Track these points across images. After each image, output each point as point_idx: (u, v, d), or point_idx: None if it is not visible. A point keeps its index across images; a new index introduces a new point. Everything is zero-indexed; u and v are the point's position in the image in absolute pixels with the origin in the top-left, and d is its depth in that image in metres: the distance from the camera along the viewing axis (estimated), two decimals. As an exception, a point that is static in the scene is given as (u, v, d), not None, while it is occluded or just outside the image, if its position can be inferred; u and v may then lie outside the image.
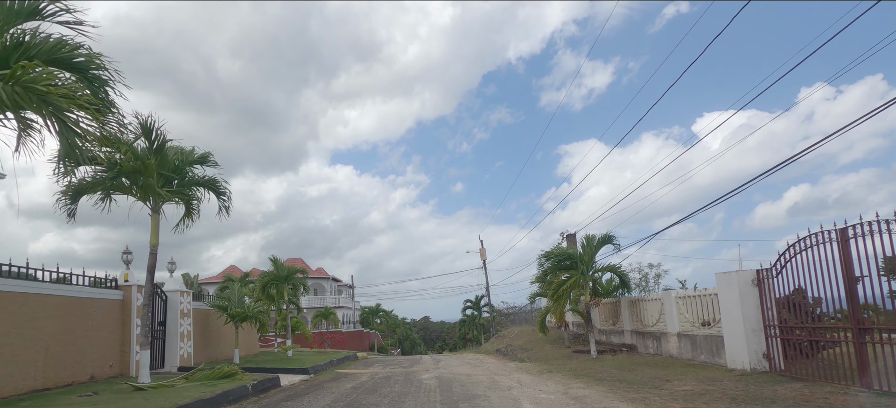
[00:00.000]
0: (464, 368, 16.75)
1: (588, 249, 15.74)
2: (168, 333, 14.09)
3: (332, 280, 62.73)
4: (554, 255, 15.91)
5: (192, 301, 15.50)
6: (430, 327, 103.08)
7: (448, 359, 23.00)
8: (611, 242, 15.62)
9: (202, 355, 16.01)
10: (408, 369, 16.95)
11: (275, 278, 21.05)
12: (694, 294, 13.53)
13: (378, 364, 20.53)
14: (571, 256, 15.69)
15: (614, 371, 12.67)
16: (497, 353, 24.37)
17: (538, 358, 17.70)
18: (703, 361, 12.84)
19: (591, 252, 15.75)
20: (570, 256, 15.71)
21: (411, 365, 19.37)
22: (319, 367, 16.56)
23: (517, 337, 26.72)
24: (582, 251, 15.78)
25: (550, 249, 16.32)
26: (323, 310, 47.80)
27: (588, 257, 15.68)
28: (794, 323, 10.48)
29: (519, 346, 22.48)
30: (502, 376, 13.61)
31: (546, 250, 16.18)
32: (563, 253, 15.82)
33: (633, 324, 17.29)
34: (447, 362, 20.88)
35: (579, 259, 15.56)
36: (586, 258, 15.64)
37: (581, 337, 22.17)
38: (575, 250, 15.83)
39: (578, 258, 15.60)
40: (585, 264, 15.63)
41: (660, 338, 15.19)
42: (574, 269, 15.62)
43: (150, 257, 10.45)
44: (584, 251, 15.79)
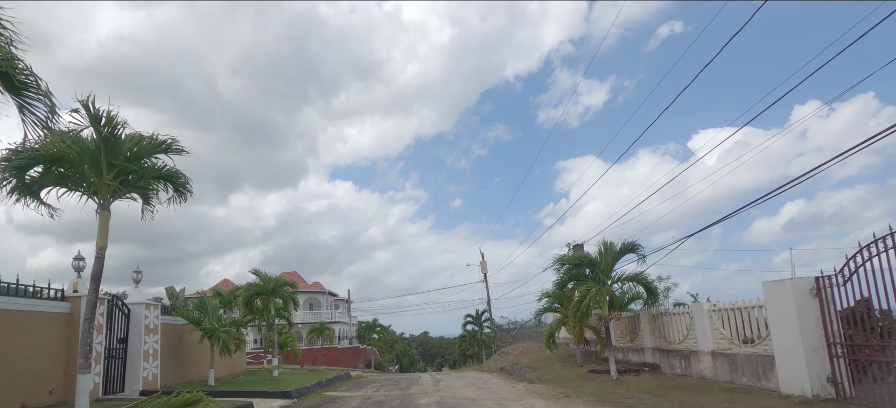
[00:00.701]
0: (467, 390, 14.94)
1: (606, 257, 14.04)
2: (130, 351, 12.31)
3: (328, 294, 60.70)
4: (570, 260, 14.18)
5: (162, 315, 13.74)
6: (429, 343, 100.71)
7: (449, 378, 21.13)
8: (634, 250, 13.94)
9: (173, 377, 14.20)
10: (404, 392, 15.13)
11: (260, 291, 19.30)
12: (731, 307, 11.81)
13: (372, 385, 18.68)
14: (592, 262, 13.97)
15: (644, 396, 10.89)
16: (502, 372, 22.49)
17: (550, 379, 15.88)
18: (745, 384, 11.07)
19: (609, 261, 14.05)
20: (591, 262, 13.98)
21: (408, 386, 17.53)
22: (305, 389, 14.74)
23: (523, 354, 24.85)
24: (599, 259, 14.07)
25: (565, 255, 14.60)
26: (318, 325, 45.82)
27: (607, 266, 13.98)
28: (860, 340, 8.77)
29: (526, 364, 20.64)
30: (513, 401, 11.82)
31: (561, 255, 14.47)
32: (582, 259, 14.09)
33: (655, 341, 15.52)
34: (448, 382, 19.02)
35: (598, 267, 13.86)
36: (605, 267, 13.94)
37: (594, 355, 20.34)
38: (593, 257, 14.12)
39: (597, 266, 13.90)
40: (605, 274, 13.92)
41: (689, 357, 13.42)
42: (593, 279, 13.90)
43: (95, 262, 8.74)
44: (602, 259, 14.09)
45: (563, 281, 14.78)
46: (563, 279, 14.80)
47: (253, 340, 39.69)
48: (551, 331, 19.15)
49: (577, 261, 14.08)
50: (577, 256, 14.18)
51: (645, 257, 14.08)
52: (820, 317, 9.15)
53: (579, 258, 14.11)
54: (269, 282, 19.81)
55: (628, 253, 14.06)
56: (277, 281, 19.95)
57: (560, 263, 14.41)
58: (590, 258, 14.17)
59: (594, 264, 14.00)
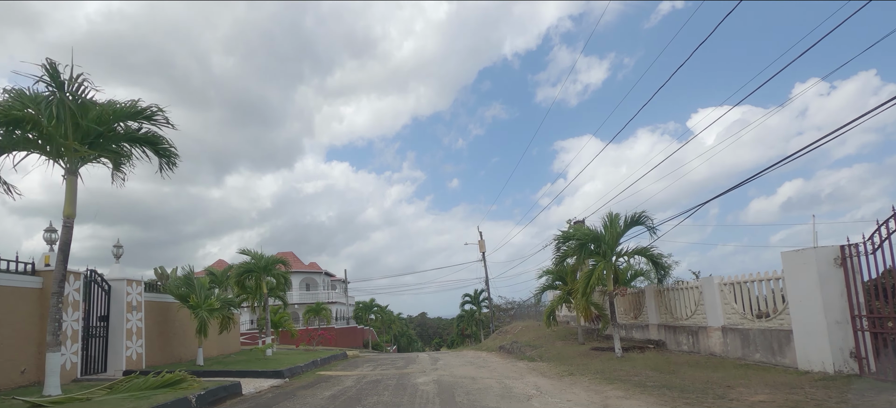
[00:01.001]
0: (466, 368, 14.44)
1: (612, 230, 13.41)
2: (112, 329, 11.69)
3: (324, 275, 60.29)
4: (574, 235, 13.55)
5: (146, 293, 13.10)
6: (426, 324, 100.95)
7: (447, 357, 20.69)
8: (642, 223, 13.29)
9: (159, 356, 13.63)
10: (401, 371, 14.63)
11: (251, 269, 18.66)
12: (744, 280, 11.23)
13: (368, 364, 18.20)
14: (597, 237, 13.33)
15: (652, 374, 10.36)
16: (501, 351, 22.07)
17: (551, 357, 15.39)
18: (758, 360, 10.55)
19: (615, 235, 13.43)
20: (595, 237, 13.35)
21: (406, 365, 17.04)
22: (298, 369, 14.20)
23: (522, 333, 24.43)
24: (605, 233, 13.44)
25: (569, 230, 13.96)
26: (314, 305, 45.43)
27: (612, 240, 13.36)
28: (887, 313, 8.21)
29: (526, 342, 20.18)
30: (515, 379, 11.29)
31: (563, 231, 13.82)
32: (587, 233, 13.44)
33: (660, 317, 15.00)
34: (446, 361, 18.56)
35: (603, 242, 13.24)
36: (610, 241, 13.32)
37: (595, 333, 19.89)
38: (598, 231, 13.48)
39: (602, 240, 13.28)
40: (610, 248, 13.31)
41: (697, 333, 12.90)
42: (598, 254, 13.28)
43: (63, 231, 8.05)
44: (607, 233, 13.46)
45: (565, 256, 14.15)
46: (565, 254, 14.17)
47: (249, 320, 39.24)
48: (552, 308, 18.64)
49: (582, 235, 13.46)
50: (582, 230, 13.55)
51: (654, 229, 13.45)
52: (844, 288, 8.56)
53: (584, 233, 13.49)
54: (261, 260, 19.16)
55: (635, 226, 13.44)
56: (269, 260, 19.31)
57: (563, 238, 13.78)
58: (595, 233, 13.54)
59: (599, 239, 13.38)
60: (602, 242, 13.23)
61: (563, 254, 14.11)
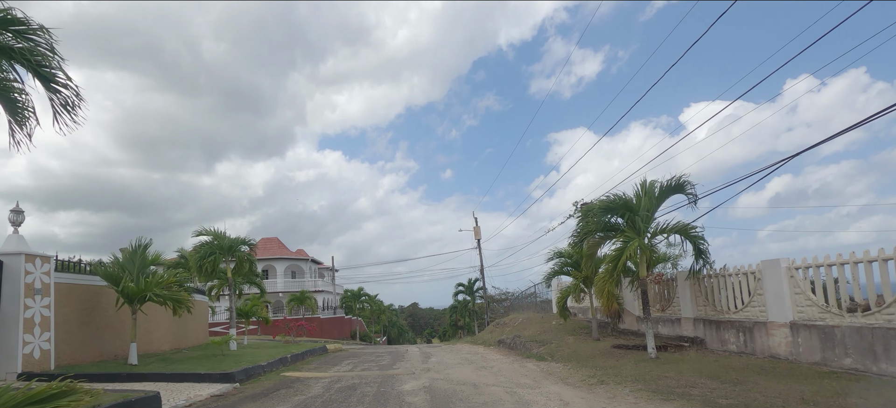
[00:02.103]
0: (464, 370, 11.88)
1: (646, 199, 10.83)
2: (4, 319, 8.96)
3: (311, 262, 57.47)
4: (599, 206, 10.93)
5: (60, 272, 10.35)
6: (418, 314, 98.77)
7: (441, 353, 18.14)
8: (682, 190, 10.72)
9: (81, 353, 10.91)
10: (385, 372, 12.05)
11: (211, 250, 15.94)
12: (828, 262, 8.70)
13: (349, 361, 15.60)
14: (627, 206, 10.71)
15: (712, 384, 7.84)
16: (501, 346, 19.56)
17: (566, 356, 12.86)
18: (849, 367, 8.06)
19: (650, 205, 10.86)
20: (626, 206, 10.73)
21: (392, 363, 14.48)
22: (258, 369, 11.56)
23: (524, 325, 21.90)
24: (637, 202, 10.84)
25: (593, 202, 11.33)
26: (299, 294, 42.66)
27: (647, 212, 10.79)
28: None
29: (530, 337, 17.66)
30: (529, 388, 8.72)
31: (586, 202, 11.21)
32: (614, 203, 10.80)
33: (698, 309, 12.50)
34: (440, 358, 16.00)
35: (636, 214, 10.65)
36: (644, 214, 10.75)
37: (607, 326, 17.41)
38: (629, 200, 10.85)
39: (635, 212, 10.69)
40: (644, 223, 10.73)
41: (751, 330, 10.39)
42: (631, 229, 10.68)
43: None
44: (640, 203, 10.86)
45: (587, 233, 11.54)
46: (585, 230, 11.57)
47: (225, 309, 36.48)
48: (565, 297, 16.12)
49: (608, 206, 10.84)
50: (608, 201, 10.94)
51: (696, 200, 10.88)
52: None
53: (611, 203, 10.86)
54: (224, 241, 16.41)
55: (675, 193, 10.88)
56: (232, 241, 16.54)
57: (584, 210, 11.18)
58: (625, 201, 10.90)
59: (631, 209, 10.78)
60: (634, 215, 10.63)
61: (584, 229, 11.47)
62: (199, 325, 19.19)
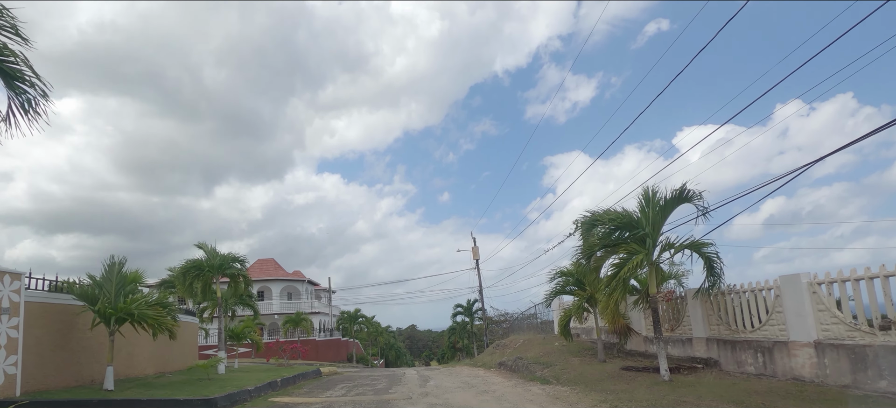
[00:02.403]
0: (466, 395, 11.15)
1: (651, 211, 10.26)
2: (-31, 342, 8.27)
3: (308, 283, 56.50)
4: (606, 219, 10.33)
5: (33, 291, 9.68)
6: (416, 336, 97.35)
7: (439, 376, 17.34)
8: (689, 199, 10.16)
9: (54, 378, 10.17)
10: (380, 397, 11.31)
11: (200, 268, 15.27)
12: (856, 277, 8.11)
13: (343, 385, 14.82)
14: (632, 222, 10.15)
15: (738, 410, 7.16)
16: (502, 368, 18.78)
17: (572, 379, 12.14)
18: (885, 390, 7.40)
19: (656, 217, 10.29)
20: (630, 222, 10.15)
21: (389, 387, 13.73)
22: (244, 394, 10.82)
23: (525, 347, 21.13)
24: (642, 216, 10.28)
25: (596, 212, 10.74)
26: (294, 316, 41.71)
27: (654, 224, 10.22)
28: None
29: (532, 359, 16.91)
30: (536, 415, 8.02)
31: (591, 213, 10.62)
32: (620, 218, 10.22)
33: (710, 329, 11.84)
34: (438, 381, 15.23)
35: (642, 227, 10.08)
36: (651, 226, 10.18)
37: (613, 348, 16.69)
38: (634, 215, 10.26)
39: (640, 226, 10.12)
40: (651, 236, 10.15)
41: (771, 350, 9.74)
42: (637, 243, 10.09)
43: None
44: (645, 216, 10.30)
45: (589, 248, 10.94)
46: (589, 246, 10.96)
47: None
48: (568, 317, 15.44)
49: (615, 220, 10.26)
50: (615, 214, 10.37)
51: (706, 211, 10.32)
52: None
53: (617, 217, 10.28)
54: (214, 258, 15.76)
55: (681, 204, 10.32)
56: (223, 258, 15.89)
57: (587, 225, 10.58)
58: (629, 216, 10.34)
59: (635, 224, 10.21)
60: (640, 229, 10.05)
61: (588, 244, 10.87)
62: (187, 348, 18.39)
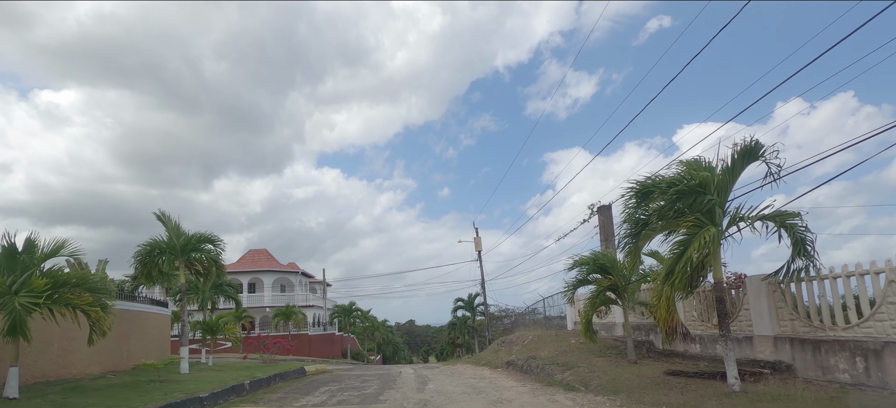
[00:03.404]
0: (475, 405, 8.82)
1: (719, 174, 7.89)
2: None
3: (301, 275, 54.13)
4: (664, 186, 7.81)
5: None
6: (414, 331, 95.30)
7: (440, 378, 15.01)
8: (762, 157, 7.79)
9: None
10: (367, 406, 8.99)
11: (162, 250, 12.93)
12: None
13: (326, 388, 12.50)
14: (700, 188, 7.65)
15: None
16: (511, 368, 16.47)
17: (604, 385, 9.81)
18: None
19: (724, 181, 7.92)
20: (699, 189, 7.63)
21: (380, 391, 11.43)
22: (194, 403, 8.48)
23: (536, 345, 18.79)
24: (710, 178, 7.87)
25: (652, 178, 8.22)
26: (284, 308, 39.40)
27: (723, 189, 7.85)
28: None
29: (548, 359, 14.59)
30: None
31: (639, 184, 8.17)
32: (688, 181, 7.64)
33: (781, 325, 9.50)
34: (440, 384, 12.90)
35: (708, 192, 7.68)
36: (719, 192, 7.80)
37: (645, 345, 14.39)
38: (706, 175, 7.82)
39: (706, 191, 7.72)
40: (719, 203, 7.77)
41: (880, 354, 7.40)
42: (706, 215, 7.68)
43: None
44: (713, 178, 7.91)
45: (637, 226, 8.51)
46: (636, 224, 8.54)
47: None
48: (592, 311, 13.11)
49: (678, 188, 7.74)
50: (678, 178, 7.85)
51: (779, 174, 7.95)
52: None
53: (680, 181, 7.79)
54: (178, 236, 13.39)
55: (752, 161, 7.95)
56: (189, 238, 13.52)
57: (640, 194, 8.15)
58: (700, 180, 7.81)
59: (703, 190, 7.78)
60: (707, 195, 7.64)
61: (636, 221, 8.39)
62: (150, 342, 16.04)
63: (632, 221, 8.38)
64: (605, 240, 21.37)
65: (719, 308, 8.14)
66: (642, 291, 14.80)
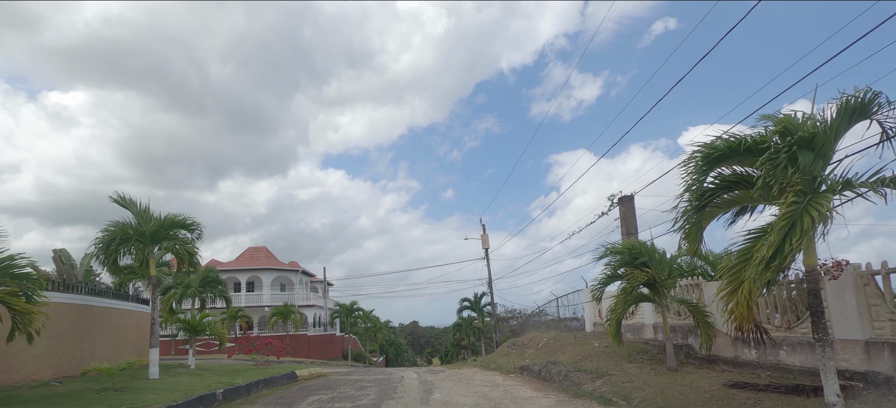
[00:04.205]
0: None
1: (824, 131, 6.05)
2: None
3: (302, 274, 52.41)
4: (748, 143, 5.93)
5: None
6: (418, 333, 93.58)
7: (446, 384, 13.19)
8: (873, 113, 5.95)
9: None
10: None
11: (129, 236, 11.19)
12: None
13: (315, 397, 10.71)
14: (804, 142, 5.74)
15: None
16: (526, 374, 14.66)
17: (650, 400, 7.97)
18: None
19: (825, 142, 6.07)
20: (802, 143, 5.71)
21: (379, 401, 9.65)
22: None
23: (553, 348, 16.94)
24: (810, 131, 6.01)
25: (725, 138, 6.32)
26: (282, 308, 37.67)
27: (823, 151, 6.01)
28: None
29: (570, 364, 12.77)
30: None
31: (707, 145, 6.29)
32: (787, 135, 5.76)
33: (874, 327, 7.63)
34: (447, 391, 11.10)
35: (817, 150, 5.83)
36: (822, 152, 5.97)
37: (683, 350, 12.54)
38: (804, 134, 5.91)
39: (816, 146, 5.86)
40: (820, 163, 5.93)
41: None
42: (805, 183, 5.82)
43: None
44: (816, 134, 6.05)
45: (703, 198, 6.66)
46: (703, 194, 6.67)
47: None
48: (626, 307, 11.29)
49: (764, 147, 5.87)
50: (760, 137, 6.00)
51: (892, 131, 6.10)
52: None
53: (762, 141, 5.92)
54: (148, 221, 11.65)
55: (862, 119, 6.11)
56: (161, 222, 11.78)
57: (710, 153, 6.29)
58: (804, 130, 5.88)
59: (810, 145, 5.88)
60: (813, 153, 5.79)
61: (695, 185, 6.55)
62: (123, 343, 14.33)
63: (696, 191, 6.52)
64: (627, 233, 19.50)
65: (813, 304, 6.28)
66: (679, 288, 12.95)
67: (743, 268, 6.25)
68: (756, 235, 6.18)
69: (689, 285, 12.69)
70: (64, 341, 10.88)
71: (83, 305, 11.76)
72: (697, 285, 12.34)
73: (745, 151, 6.17)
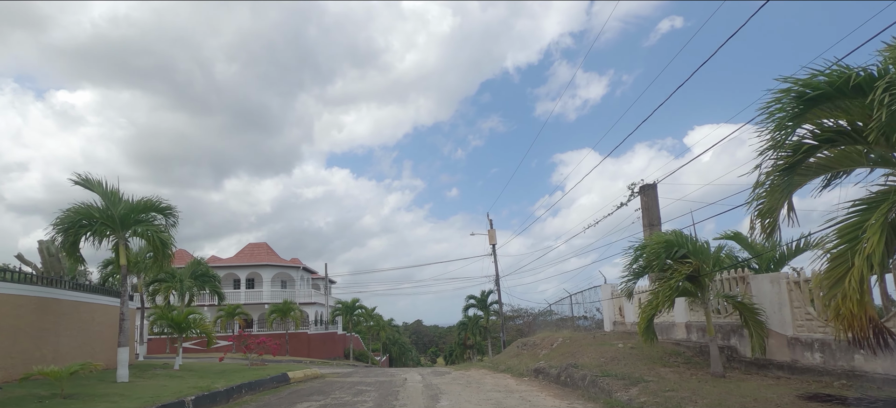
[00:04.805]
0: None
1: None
2: None
3: (303, 270, 51.03)
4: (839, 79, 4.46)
5: None
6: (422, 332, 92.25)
7: (454, 389, 11.69)
8: None
9: None
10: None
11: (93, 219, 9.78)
12: None
13: (304, 405, 9.27)
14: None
15: None
16: (543, 378, 13.16)
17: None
18: None
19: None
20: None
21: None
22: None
23: (570, 349, 15.42)
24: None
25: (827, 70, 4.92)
26: (281, 305, 36.32)
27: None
28: None
29: (595, 368, 11.26)
30: None
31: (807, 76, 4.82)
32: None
33: None
34: (455, 397, 9.63)
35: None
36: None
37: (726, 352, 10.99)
38: None
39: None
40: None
41: None
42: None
43: None
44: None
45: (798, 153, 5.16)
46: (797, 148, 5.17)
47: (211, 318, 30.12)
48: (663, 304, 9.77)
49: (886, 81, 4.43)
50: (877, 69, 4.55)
51: None
52: None
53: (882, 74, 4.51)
54: (116, 204, 10.24)
55: None
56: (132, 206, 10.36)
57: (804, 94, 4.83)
58: None
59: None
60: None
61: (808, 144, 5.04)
62: (95, 341, 12.94)
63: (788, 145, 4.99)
64: (649, 225, 17.96)
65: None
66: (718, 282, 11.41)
67: (849, 249, 4.74)
68: (871, 202, 4.66)
69: (732, 279, 11.16)
70: (17, 339, 9.49)
71: (43, 297, 10.37)
72: (743, 279, 10.80)
73: (853, 90, 4.64)
